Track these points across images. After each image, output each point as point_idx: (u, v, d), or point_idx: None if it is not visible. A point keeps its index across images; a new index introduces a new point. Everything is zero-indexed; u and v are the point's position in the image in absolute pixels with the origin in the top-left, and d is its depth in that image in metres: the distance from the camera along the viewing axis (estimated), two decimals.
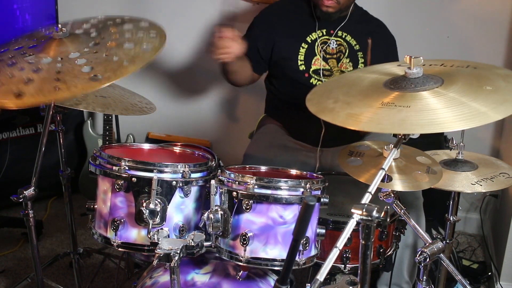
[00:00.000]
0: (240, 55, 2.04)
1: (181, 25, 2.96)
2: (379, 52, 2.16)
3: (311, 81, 2.19)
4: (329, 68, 2.18)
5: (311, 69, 2.18)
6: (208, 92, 3.06)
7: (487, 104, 1.19)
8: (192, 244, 1.37)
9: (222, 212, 1.43)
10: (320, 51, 2.18)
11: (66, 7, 2.94)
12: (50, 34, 1.60)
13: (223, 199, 1.45)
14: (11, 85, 1.43)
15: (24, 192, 1.53)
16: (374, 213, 1.11)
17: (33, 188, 1.54)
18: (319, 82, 2.18)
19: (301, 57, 2.19)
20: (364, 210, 1.11)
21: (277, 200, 1.42)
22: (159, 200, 1.44)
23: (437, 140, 2.45)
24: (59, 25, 1.62)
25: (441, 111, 1.20)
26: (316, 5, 2.18)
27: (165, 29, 1.64)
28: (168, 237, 1.44)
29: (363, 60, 2.18)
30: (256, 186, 1.42)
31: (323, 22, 2.19)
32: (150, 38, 1.58)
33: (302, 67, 2.19)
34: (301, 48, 2.19)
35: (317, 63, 2.18)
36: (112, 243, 1.50)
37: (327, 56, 2.18)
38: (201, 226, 1.47)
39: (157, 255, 1.29)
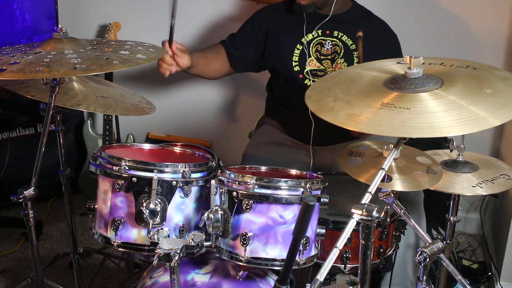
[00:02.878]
0: (186, 66, 2.07)
1: (181, 25, 2.95)
2: (378, 48, 2.15)
3: (305, 82, 2.19)
4: (323, 68, 2.18)
5: (305, 70, 2.19)
6: (208, 92, 3.05)
7: (486, 109, 1.19)
8: (192, 244, 1.37)
9: (222, 212, 1.43)
10: (315, 52, 2.18)
11: (66, 7, 2.95)
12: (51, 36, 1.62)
13: (223, 199, 1.45)
14: None
15: (24, 192, 1.52)
16: (374, 213, 1.11)
17: (33, 188, 1.54)
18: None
19: (295, 58, 2.19)
20: (364, 210, 1.11)
21: (277, 200, 1.42)
22: (159, 200, 1.44)
23: (437, 140, 2.45)
24: (59, 25, 1.62)
25: (441, 115, 1.19)
26: (293, 1, 2.20)
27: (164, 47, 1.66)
28: (168, 237, 1.44)
29: (357, 60, 2.17)
30: (256, 186, 1.42)
31: (316, 22, 2.18)
32: (148, 52, 1.59)
33: (296, 68, 2.19)
34: (295, 49, 2.19)
35: (312, 64, 2.19)
36: (112, 243, 1.50)
37: (322, 57, 2.18)
38: (201, 226, 1.47)
39: (157, 255, 1.30)
